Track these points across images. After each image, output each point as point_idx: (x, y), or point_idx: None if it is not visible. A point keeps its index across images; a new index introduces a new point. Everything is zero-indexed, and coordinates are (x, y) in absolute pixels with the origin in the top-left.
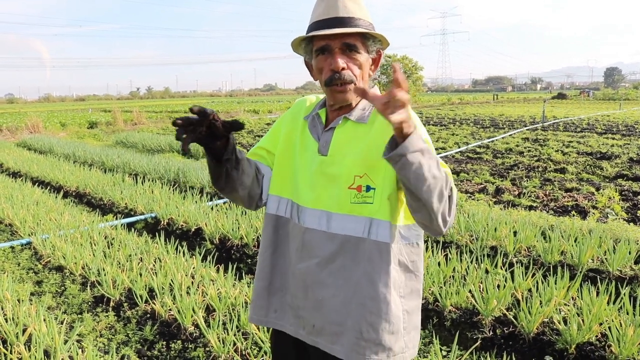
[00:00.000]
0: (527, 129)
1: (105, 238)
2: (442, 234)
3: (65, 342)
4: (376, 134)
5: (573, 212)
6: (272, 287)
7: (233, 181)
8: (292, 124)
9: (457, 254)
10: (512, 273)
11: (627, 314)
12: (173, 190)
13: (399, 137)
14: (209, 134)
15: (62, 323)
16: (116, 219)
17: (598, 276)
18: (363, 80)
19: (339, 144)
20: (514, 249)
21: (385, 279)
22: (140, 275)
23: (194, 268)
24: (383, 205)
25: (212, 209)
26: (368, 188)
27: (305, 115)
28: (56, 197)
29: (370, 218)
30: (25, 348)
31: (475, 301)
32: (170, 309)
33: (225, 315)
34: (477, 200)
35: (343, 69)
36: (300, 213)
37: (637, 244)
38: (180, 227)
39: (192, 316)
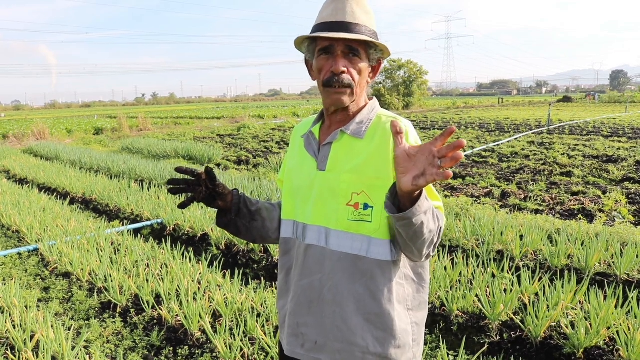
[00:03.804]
0: (532, 133)
1: (111, 244)
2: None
3: (73, 348)
4: (375, 152)
5: (579, 216)
6: (285, 307)
7: (257, 230)
8: (292, 148)
9: (463, 258)
10: (518, 277)
11: (635, 317)
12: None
13: (408, 198)
14: (208, 194)
15: (69, 329)
16: (122, 225)
17: (605, 280)
18: (360, 86)
19: (336, 159)
20: (520, 253)
21: (389, 295)
22: (147, 281)
23: (200, 274)
24: (382, 224)
25: None
26: (366, 206)
27: (302, 134)
28: (63, 204)
29: (369, 237)
30: (33, 354)
31: (482, 305)
32: (177, 315)
33: (232, 321)
34: (483, 204)
35: (343, 72)
36: (302, 230)
37: None
38: (186, 232)
39: (198, 322)
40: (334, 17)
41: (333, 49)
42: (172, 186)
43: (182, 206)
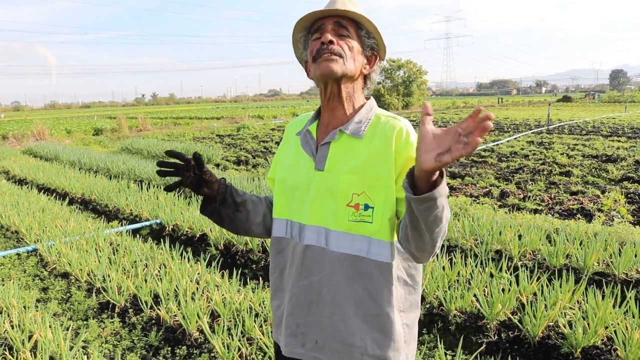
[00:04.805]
0: (532, 132)
1: (110, 244)
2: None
3: (71, 348)
4: (375, 152)
5: (578, 215)
6: (282, 307)
7: (240, 222)
8: (286, 145)
9: (461, 258)
10: (517, 277)
11: (633, 317)
12: (178, 196)
13: (426, 180)
14: (196, 180)
15: (67, 329)
16: (121, 225)
17: (603, 279)
18: (354, 62)
19: (335, 159)
20: (519, 252)
21: (388, 297)
22: (146, 281)
23: (198, 274)
24: (383, 225)
25: None
26: (366, 207)
27: (298, 132)
28: (62, 204)
29: (370, 238)
30: (31, 355)
31: (480, 305)
32: (175, 315)
33: (230, 321)
34: (482, 204)
35: (331, 42)
36: (300, 230)
37: None
38: (185, 233)
39: (197, 322)
40: (326, 7)
41: (323, 25)
42: (161, 168)
43: (169, 189)
